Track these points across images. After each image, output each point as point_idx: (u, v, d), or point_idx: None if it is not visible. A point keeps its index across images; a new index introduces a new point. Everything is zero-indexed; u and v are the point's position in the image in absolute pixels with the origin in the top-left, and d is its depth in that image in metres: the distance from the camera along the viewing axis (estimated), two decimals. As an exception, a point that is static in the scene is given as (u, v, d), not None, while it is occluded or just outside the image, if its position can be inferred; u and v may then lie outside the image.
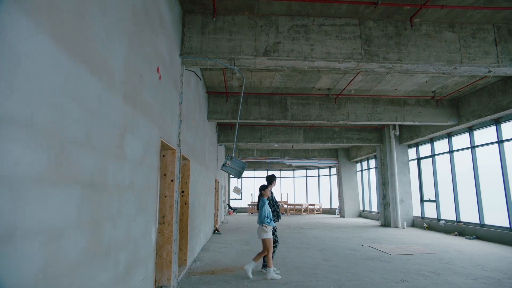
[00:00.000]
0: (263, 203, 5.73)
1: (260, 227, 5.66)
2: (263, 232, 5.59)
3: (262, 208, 5.66)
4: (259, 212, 5.73)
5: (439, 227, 11.61)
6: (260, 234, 5.66)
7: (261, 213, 5.63)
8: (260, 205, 5.80)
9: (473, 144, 10.35)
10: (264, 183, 6.19)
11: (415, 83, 8.94)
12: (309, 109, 10.01)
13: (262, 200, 5.82)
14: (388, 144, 14.00)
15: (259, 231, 5.68)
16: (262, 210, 5.64)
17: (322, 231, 12.24)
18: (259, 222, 5.69)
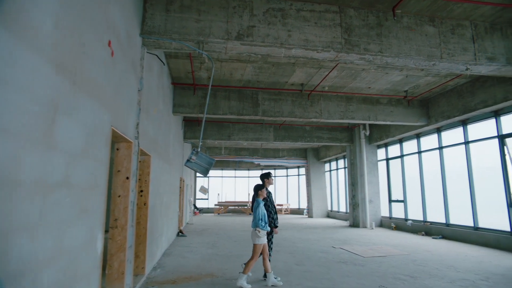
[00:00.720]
0: (257, 204, 5.10)
1: (253, 231, 5.05)
2: (255, 236, 4.98)
3: (256, 210, 5.04)
4: (253, 215, 5.11)
5: (407, 227, 11.68)
6: (252, 237, 5.06)
7: (255, 215, 5.04)
8: (254, 206, 5.16)
9: (441, 145, 10.46)
10: (258, 182, 5.65)
11: (389, 81, 8.80)
12: (281, 105, 9.58)
13: (257, 201, 5.19)
14: (358, 144, 13.97)
15: (252, 235, 5.06)
16: (256, 212, 5.03)
17: (292, 232, 11.89)
18: (253, 225, 5.08)
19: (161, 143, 6.95)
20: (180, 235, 10.79)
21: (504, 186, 8.16)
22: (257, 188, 5.35)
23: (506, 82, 7.70)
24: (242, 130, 13.39)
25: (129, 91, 4.10)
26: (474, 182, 9.13)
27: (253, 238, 5.06)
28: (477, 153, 9.16)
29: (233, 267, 6.21)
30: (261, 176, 5.85)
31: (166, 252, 7.80)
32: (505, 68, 5.98)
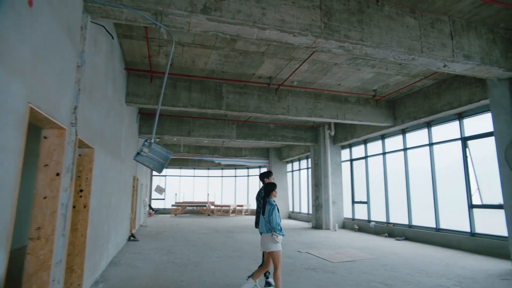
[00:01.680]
0: (272, 207, 4.49)
1: (267, 236, 4.42)
2: (272, 242, 4.35)
3: (272, 213, 4.43)
4: (267, 218, 4.47)
5: (370, 229, 11.60)
6: (267, 245, 4.42)
7: (271, 219, 4.42)
8: (267, 208, 4.53)
9: (406, 146, 10.47)
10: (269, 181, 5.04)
11: (360, 78, 8.51)
12: (247, 99, 8.93)
13: (270, 202, 4.57)
14: (323, 144, 13.75)
15: (266, 241, 4.43)
16: (272, 216, 4.43)
17: (254, 235, 11.28)
18: (265, 230, 4.47)
19: (110, 136, 5.96)
20: (131, 239, 9.71)
21: (466, 187, 8.22)
22: (269, 188, 4.69)
23: (471, 85, 7.73)
24: (203, 126, 12.55)
25: (62, 63, 3.19)
26: (437, 184, 9.17)
27: (267, 245, 4.42)
28: (441, 155, 9.21)
29: (192, 278, 5.44)
30: (260, 176, 5.29)
31: (113, 261, 6.79)
32: (479, 68, 5.85)
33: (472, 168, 8.22)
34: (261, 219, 4.61)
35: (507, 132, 6.33)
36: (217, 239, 10.13)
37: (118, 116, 6.93)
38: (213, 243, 9.40)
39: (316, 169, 14.10)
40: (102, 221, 5.58)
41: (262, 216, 4.57)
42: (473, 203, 8.10)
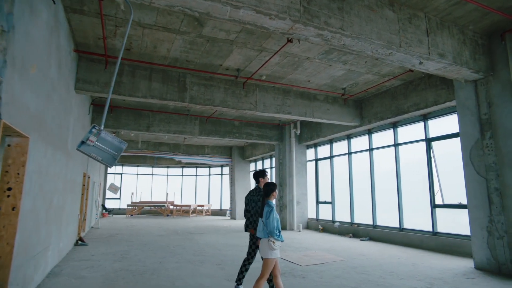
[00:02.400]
0: (270, 209, 4.00)
1: (265, 241, 3.91)
2: (269, 249, 3.86)
3: (269, 216, 3.93)
4: (265, 221, 3.98)
5: (334, 229, 11.52)
6: (264, 251, 3.91)
7: (269, 222, 3.92)
8: (265, 210, 4.04)
9: (371, 147, 10.49)
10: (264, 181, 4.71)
11: (330, 75, 8.29)
12: (212, 92, 8.34)
13: (269, 204, 4.07)
14: (288, 143, 13.50)
15: (264, 247, 3.92)
16: (269, 219, 3.92)
17: (216, 237, 10.71)
18: (263, 235, 3.96)
19: (52, 125, 5.10)
20: (79, 243, 8.69)
21: (429, 188, 8.33)
22: (269, 189, 4.15)
23: (437, 87, 7.82)
24: (164, 121, 11.72)
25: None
26: (402, 184, 9.24)
27: (263, 251, 3.93)
28: (406, 155, 9.29)
29: (147, 290, 4.78)
30: (255, 175, 4.84)
31: (54, 271, 5.87)
32: (450, 68, 5.81)
33: (435, 169, 8.35)
34: (259, 222, 4.15)
35: (472, 133, 6.40)
36: (176, 242, 9.42)
37: (64, 104, 6.02)
38: (172, 246, 8.69)
39: (280, 169, 13.83)
40: (39, 226, 4.72)
41: (260, 218, 4.09)
42: (436, 203, 8.21)
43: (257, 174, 4.86)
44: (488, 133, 6.15)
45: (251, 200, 4.86)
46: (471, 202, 6.36)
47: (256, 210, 4.69)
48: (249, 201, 4.88)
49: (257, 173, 4.88)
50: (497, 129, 6.01)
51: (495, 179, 5.97)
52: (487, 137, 6.15)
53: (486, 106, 6.23)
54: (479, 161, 6.26)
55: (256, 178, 4.84)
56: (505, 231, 5.79)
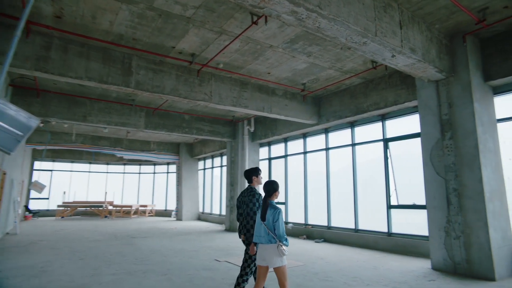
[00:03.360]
0: (277, 211, 3.54)
1: (271, 248, 3.46)
2: (277, 256, 3.43)
3: (278, 219, 3.51)
4: (270, 225, 3.52)
5: (287, 230, 11.14)
6: (271, 259, 3.44)
7: (277, 226, 3.49)
8: (270, 213, 3.56)
9: (328, 146, 10.29)
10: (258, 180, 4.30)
11: (292, 68, 7.82)
12: (162, 78, 7.38)
13: (273, 205, 3.63)
14: (241, 141, 12.87)
15: (271, 255, 3.44)
16: (278, 222, 3.50)
17: (161, 241, 9.67)
18: (266, 240, 3.50)
19: None
20: (-12, 254, 7.12)
21: (386, 188, 8.28)
22: (271, 188, 3.70)
23: (397, 87, 7.78)
24: (104, 111, 10.36)
25: None
26: (358, 185, 9.13)
27: (270, 259, 3.45)
28: (363, 155, 9.21)
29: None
30: (247, 173, 4.29)
31: None
32: (418, 65, 5.65)
33: (392, 169, 8.33)
34: (257, 226, 3.64)
35: (433, 133, 6.35)
36: (114, 248, 8.23)
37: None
38: (109, 254, 7.53)
39: (232, 167, 13.15)
40: None
41: (262, 222, 3.56)
42: (391, 203, 8.19)
43: (250, 172, 4.28)
44: (448, 133, 6.13)
45: (242, 202, 4.24)
46: (430, 203, 6.30)
47: (247, 213, 4.10)
48: (241, 203, 4.28)
49: (250, 171, 4.30)
50: (457, 129, 6.01)
51: (454, 180, 5.95)
52: (447, 137, 6.13)
53: (446, 107, 6.21)
54: (438, 161, 6.22)
55: (249, 176, 4.26)
56: (462, 231, 5.78)
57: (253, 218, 4.04)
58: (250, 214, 4.07)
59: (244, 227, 4.13)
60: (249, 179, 4.27)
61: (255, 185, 4.29)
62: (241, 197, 4.32)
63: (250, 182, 4.28)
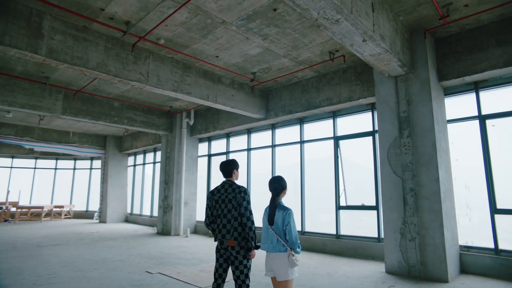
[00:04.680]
0: (288, 212, 3.02)
1: (281, 257, 2.90)
2: (289, 266, 2.87)
3: (290, 221, 2.97)
4: (279, 229, 2.98)
5: (227, 233, 10.25)
6: (280, 270, 2.88)
7: (291, 230, 2.95)
8: (279, 215, 3.03)
9: (274, 143, 9.68)
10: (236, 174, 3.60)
11: (244, 53, 6.97)
12: (87, 48, 5.93)
13: (282, 205, 3.10)
14: (179, 135, 11.63)
15: (280, 266, 2.89)
16: (290, 225, 2.96)
17: (77, 249, 8.03)
18: (276, 248, 2.93)
19: None
20: None
21: (335, 188, 7.94)
22: (279, 186, 3.20)
23: (351, 82, 7.46)
24: (4, 88, 8.30)
25: None
26: (305, 184, 8.67)
27: (280, 270, 2.90)
28: (312, 154, 8.77)
29: None
30: (225, 166, 3.53)
31: None
32: (384, 55, 5.26)
33: (341, 169, 8.02)
34: (264, 231, 3.11)
35: (391, 130, 6.09)
36: (9, 263, 6.45)
37: None
38: (3, 269, 5.80)
39: (167, 164, 11.83)
40: None
41: (269, 227, 3.03)
42: (340, 204, 7.86)
43: (229, 165, 3.53)
44: (406, 131, 5.90)
45: (221, 201, 3.38)
46: (386, 203, 6.01)
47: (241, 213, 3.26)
48: (217, 202, 3.41)
49: (229, 163, 3.54)
50: (415, 127, 5.80)
51: (411, 179, 5.73)
52: (405, 135, 5.90)
53: (405, 104, 5.98)
54: (396, 160, 5.96)
55: (228, 170, 3.50)
56: (417, 232, 5.56)
57: (251, 219, 3.25)
58: (245, 215, 3.25)
59: (220, 232, 3.31)
60: (228, 172, 3.50)
61: (234, 180, 3.54)
62: (218, 195, 3.44)
63: (229, 177, 3.50)
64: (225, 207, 3.33)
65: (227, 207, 3.33)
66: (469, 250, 5.89)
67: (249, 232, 3.23)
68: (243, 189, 3.38)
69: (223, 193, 3.40)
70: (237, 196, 3.31)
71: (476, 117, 6.06)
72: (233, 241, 3.21)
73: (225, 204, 3.34)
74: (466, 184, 6.16)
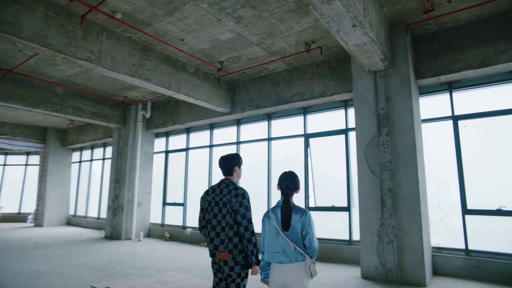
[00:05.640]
0: (306, 212, 2.48)
1: (301, 267, 2.35)
2: (307, 277, 2.35)
3: (310, 228, 2.43)
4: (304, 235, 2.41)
5: (185, 237, 9.41)
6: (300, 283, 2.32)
7: (311, 237, 2.42)
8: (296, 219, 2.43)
9: (239, 140, 9.06)
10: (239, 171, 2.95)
11: (213, 37, 6.27)
12: (18, 13, 4.83)
13: (299, 208, 2.52)
14: (133, 128, 10.53)
15: (299, 278, 2.33)
16: (312, 232, 2.43)
17: (4, 261, 6.70)
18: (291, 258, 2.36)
19: None
20: None
21: (305, 188, 7.54)
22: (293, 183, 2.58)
23: (325, 77, 7.11)
24: None
25: None
26: (272, 184, 8.16)
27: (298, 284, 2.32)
28: (280, 152, 8.30)
29: None
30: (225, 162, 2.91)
31: None
32: (369, 46, 4.91)
33: (311, 168, 7.65)
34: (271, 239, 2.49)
35: (369, 128, 5.80)
36: None
37: None
38: None
39: (119, 160, 10.66)
40: None
41: (281, 233, 2.44)
42: (309, 205, 7.48)
43: (231, 160, 2.91)
44: (385, 129, 5.64)
45: (215, 203, 2.77)
46: (363, 205, 5.70)
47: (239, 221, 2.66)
48: (211, 204, 2.79)
49: (231, 158, 2.92)
50: (394, 125, 5.56)
51: (389, 179, 5.47)
52: (384, 133, 5.64)
53: (384, 101, 5.73)
54: (373, 159, 5.68)
55: (228, 166, 2.90)
56: (395, 234, 5.31)
57: (250, 228, 2.63)
58: (242, 224, 2.64)
59: (213, 241, 2.71)
60: (229, 170, 2.89)
61: (235, 179, 2.93)
62: (212, 195, 2.82)
63: (229, 175, 2.89)
64: (219, 212, 2.71)
65: (221, 211, 2.69)
66: (440, 251, 5.79)
67: (248, 245, 2.62)
68: (240, 191, 2.74)
69: (218, 194, 2.78)
70: (232, 200, 2.68)
71: (450, 117, 6.00)
72: (227, 254, 2.60)
73: (219, 208, 2.71)
74: (438, 185, 6.08)
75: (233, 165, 2.90)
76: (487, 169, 5.77)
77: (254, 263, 2.66)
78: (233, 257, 2.61)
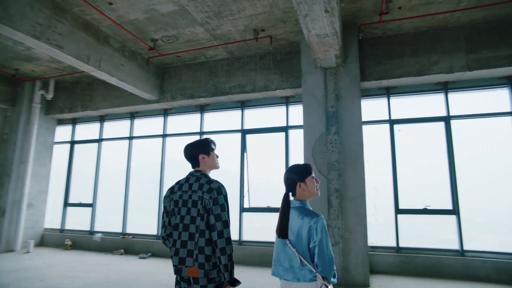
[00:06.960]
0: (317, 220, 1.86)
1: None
2: None
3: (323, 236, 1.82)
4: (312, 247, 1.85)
5: (93, 244, 7.87)
6: None
7: (324, 249, 1.81)
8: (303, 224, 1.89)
9: (166, 132, 8.01)
10: (210, 158, 2.26)
11: (151, 8, 5.22)
12: None
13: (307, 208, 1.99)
14: (26, 111, 8.45)
15: None
16: (326, 242, 1.81)
17: None
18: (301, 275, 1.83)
19: None
20: None
21: (240, 188, 7.01)
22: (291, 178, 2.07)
23: (269, 70, 6.74)
24: None
25: None
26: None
27: None
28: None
29: None
30: (188, 150, 2.23)
31: None
32: (330, 39, 4.70)
33: (246, 166, 7.17)
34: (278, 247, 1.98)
35: (317, 125, 5.61)
36: None
37: None
38: None
39: (3, 150, 8.43)
40: None
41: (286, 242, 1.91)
42: (244, 206, 6.98)
43: (192, 148, 2.23)
44: (333, 127, 5.51)
45: (179, 204, 2.09)
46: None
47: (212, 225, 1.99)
48: (175, 205, 2.10)
49: (192, 145, 2.25)
50: (343, 124, 5.48)
51: (337, 179, 5.35)
52: (332, 132, 5.50)
53: (333, 98, 5.61)
54: (321, 158, 5.49)
55: (192, 155, 2.23)
56: (341, 236, 5.20)
57: (225, 235, 1.97)
58: (215, 228, 1.97)
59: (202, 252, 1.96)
60: (194, 160, 2.22)
61: (207, 170, 2.22)
62: (178, 193, 2.10)
63: (197, 166, 2.22)
64: (187, 213, 1.97)
65: (189, 213, 1.97)
66: (375, 250, 5.93)
67: (221, 257, 1.93)
68: (214, 185, 2.06)
69: (187, 190, 2.06)
70: (204, 196, 1.96)
71: (387, 121, 6.24)
72: (197, 270, 1.91)
73: (187, 209, 1.98)
74: (375, 186, 6.25)
75: (196, 153, 2.21)
76: (416, 171, 6.16)
77: (227, 282, 2.01)
78: (205, 273, 1.94)
